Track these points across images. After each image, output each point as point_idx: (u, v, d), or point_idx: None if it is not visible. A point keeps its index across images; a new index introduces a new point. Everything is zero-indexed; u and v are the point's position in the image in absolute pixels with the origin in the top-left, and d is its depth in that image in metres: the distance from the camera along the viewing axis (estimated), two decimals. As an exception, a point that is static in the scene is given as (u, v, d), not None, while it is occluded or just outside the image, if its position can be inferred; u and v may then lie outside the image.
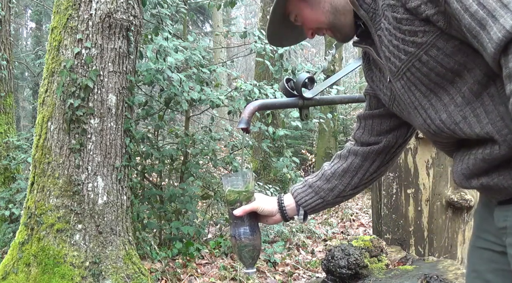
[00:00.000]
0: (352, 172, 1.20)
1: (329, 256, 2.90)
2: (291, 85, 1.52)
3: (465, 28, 0.76)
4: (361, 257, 2.90)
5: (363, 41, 1.06)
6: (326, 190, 1.22)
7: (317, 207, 1.24)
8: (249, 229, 1.19)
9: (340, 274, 2.78)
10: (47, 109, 2.98)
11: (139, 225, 3.78)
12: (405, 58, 0.89)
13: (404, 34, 0.87)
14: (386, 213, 3.36)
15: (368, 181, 1.21)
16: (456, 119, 0.86)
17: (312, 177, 1.26)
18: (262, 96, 3.97)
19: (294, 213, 1.24)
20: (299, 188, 1.26)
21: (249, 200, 1.20)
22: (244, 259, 1.19)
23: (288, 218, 1.24)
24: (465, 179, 0.91)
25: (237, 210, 1.17)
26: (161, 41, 3.66)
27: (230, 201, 1.19)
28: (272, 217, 1.23)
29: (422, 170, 2.98)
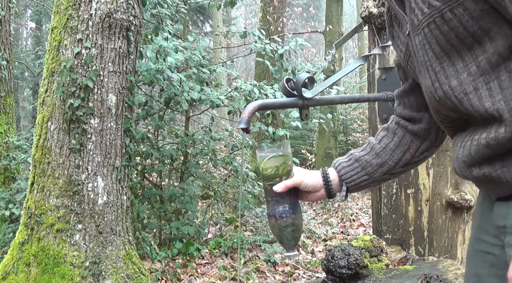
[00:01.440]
0: (404, 146, 1.10)
1: (329, 256, 2.90)
2: (291, 85, 1.52)
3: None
4: (361, 257, 2.90)
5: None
6: (375, 165, 1.12)
7: (361, 184, 1.14)
8: (291, 206, 1.08)
9: (340, 274, 2.78)
10: (47, 109, 2.98)
11: (139, 225, 3.78)
12: (428, 12, 0.81)
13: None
14: (386, 213, 3.36)
15: (418, 160, 1.12)
16: (467, 89, 0.80)
17: (359, 150, 1.16)
18: (262, 96, 3.97)
19: (337, 189, 1.13)
20: (344, 161, 1.15)
21: (289, 174, 1.09)
22: (285, 240, 1.08)
23: (333, 194, 1.14)
24: (466, 167, 0.85)
25: (278, 186, 1.05)
26: (161, 41, 3.66)
27: (268, 176, 1.08)
28: (315, 192, 1.12)
29: (422, 170, 2.98)
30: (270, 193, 1.08)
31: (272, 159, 1.08)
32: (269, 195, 1.09)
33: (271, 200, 1.08)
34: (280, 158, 1.08)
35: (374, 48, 2.13)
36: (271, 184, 1.07)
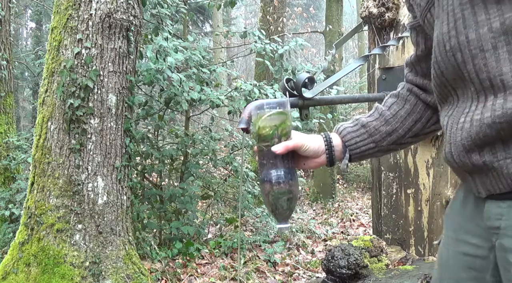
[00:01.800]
0: (416, 114, 1.01)
1: (329, 256, 2.90)
2: (291, 85, 1.52)
3: None
4: (361, 257, 2.90)
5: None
6: (384, 133, 1.02)
7: (366, 153, 1.04)
8: (289, 171, 0.97)
9: (340, 274, 2.78)
10: (47, 109, 2.98)
11: (139, 225, 3.78)
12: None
13: None
14: (386, 213, 3.36)
15: (429, 131, 1.04)
16: (485, 46, 0.70)
17: (366, 116, 1.06)
18: (262, 96, 3.97)
19: (340, 156, 1.04)
20: (349, 126, 1.05)
21: (288, 136, 0.98)
22: (280, 210, 0.97)
23: (335, 161, 1.04)
24: (464, 152, 0.75)
25: (278, 146, 0.95)
26: (161, 41, 3.66)
27: (265, 135, 0.97)
28: (315, 159, 1.02)
29: (422, 170, 2.99)
30: (267, 155, 0.98)
31: (271, 117, 0.96)
32: (264, 158, 0.98)
33: (267, 163, 0.98)
34: (280, 116, 0.97)
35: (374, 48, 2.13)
36: (268, 145, 0.97)
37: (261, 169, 0.99)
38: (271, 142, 0.97)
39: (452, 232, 0.89)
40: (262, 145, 0.98)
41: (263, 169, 0.98)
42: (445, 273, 0.89)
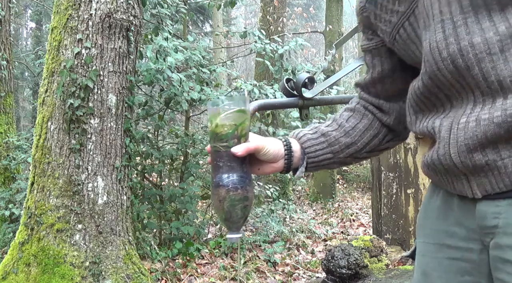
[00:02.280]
0: (374, 130, 1.00)
1: (329, 256, 2.90)
2: (291, 85, 1.51)
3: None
4: (361, 257, 2.91)
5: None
6: (343, 144, 0.99)
7: (322, 163, 1.00)
8: (247, 176, 0.90)
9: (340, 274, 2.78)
10: (47, 109, 2.98)
11: (139, 225, 3.78)
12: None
13: None
14: (386, 213, 3.36)
15: (384, 148, 1.03)
16: (492, 49, 0.69)
17: (324, 125, 1.02)
18: (262, 96, 3.97)
19: (297, 163, 0.98)
20: (308, 133, 1.00)
21: (247, 137, 0.90)
22: (234, 218, 0.89)
23: (292, 168, 0.98)
24: (467, 152, 0.73)
25: (238, 148, 0.87)
26: (161, 41, 3.66)
27: (223, 135, 0.88)
28: (272, 163, 0.96)
29: (422, 170, 2.98)
30: (224, 157, 0.89)
31: (231, 114, 0.88)
32: (221, 159, 0.89)
33: (223, 165, 0.89)
34: (240, 114, 0.89)
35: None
36: (226, 145, 0.88)
37: (216, 171, 0.90)
38: (229, 142, 0.89)
39: (431, 239, 0.87)
40: (218, 144, 0.89)
41: (217, 172, 0.89)
42: (434, 281, 0.85)
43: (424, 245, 0.89)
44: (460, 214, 0.80)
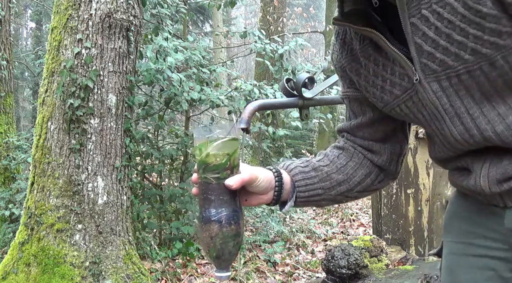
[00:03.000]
0: (365, 169, 0.98)
1: (329, 256, 2.90)
2: (291, 85, 1.51)
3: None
4: (361, 257, 2.90)
5: (360, 21, 0.84)
6: (334, 181, 0.95)
7: (311, 198, 0.95)
8: (240, 210, 0.84)
9: (340, 274, 2.78)
10: (47, 109, 2.98)
11: (139, 225, 3.78)
12: (472, 59, 0.73)
13: (483, 32, 0.71)
14: (386, 213, 3.36)
15: (375, 188, 1.01)
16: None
17: (316, 159, 0.99)
18: (262, 96, 3.97)
19: (286, 196, 0.93)
20: (299, 165, 0.96)
21: (238, 167, 0.84)
22: (226, 255, 0.84)
23: (280, 202, 0.93)
24: (496, 183, 0.79)
25: (233, 180, 0.81)
26: (161, 41, 3.66)
27: (215, 165, 0.82)
28: (261, 195, 0.90)
29: (422, 170, 2.99)
30: (216, 190, 0.82)
31: (224, 143, 0.81)
32: (213, 192, 0.82)
33: (215, 199, 0.82)
34: (233, 143, 0.83)
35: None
36: (218, 177, 0.82)
37: (206, 205, 0.83)
38: (222, 174, 0.82)
39: (458, 238, 0.93)
40: (209, 176, 0.82)
41: (208, 206, 0.82)
42: (457, 277, 0.93)
43: (451, 243, 0.96)
44: (488, 217, 0.86)
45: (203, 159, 0.82)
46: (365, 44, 0.89)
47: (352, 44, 0.93)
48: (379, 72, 0.89)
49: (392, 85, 0.87)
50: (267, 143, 5.07)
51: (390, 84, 0.87)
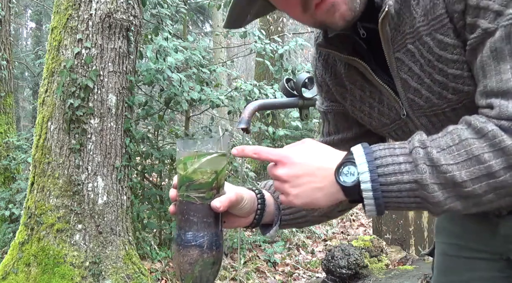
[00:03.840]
0: None
1: (329, 256, 2.91)
2: (291, 85, 1.52)
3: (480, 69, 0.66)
4: (361, 257, 2.91)
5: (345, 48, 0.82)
6: None
7: (294, 221, 0.90)
8: (221, 234, 0.76)
9: (340, 274, 2.79)
10: (47, 109, 2.98)
11: (139, 225, 3.78)
12: (455, 98, 0.74)
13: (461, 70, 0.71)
14: (386, 213, 3.35)
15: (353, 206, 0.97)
16: None
17: None
18: (262, 96, 3.97)
19: (269, 218, 0.87)
20: None
21: (223, 186, 0.77)
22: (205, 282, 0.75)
23: (260, 225, 0.88)
24: None
25: (220, 202, 0.74)
26: (161, 41, 3.66)
27: (201, 184, 0.73)
28: (243, 218, 0.84)
29: (422, 170, 2.98)
30: (200, 211, 0.73)
31: (213, 159, 0.72)
32: (195, 214, 0.73)
33: (198, 221, 0.73)
34: (222, 159, 0.74)
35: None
36: (203, 197, 0.73)
37: (187, 227, 0.73)
38: (208, 194, 0.73)
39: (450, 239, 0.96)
40: (194, 195, 0.73)
41: (190, 229, 0.73)
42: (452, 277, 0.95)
43: (444, 245, 0.98)
44: (481, 223, 0.88)
45: (188, 175, 0.72)
46: (351, 70, 0.86)
47: (336, 66, 0.90)
48: (366, 99, 0.87)
49: (380, 113, 0.86)
50: (267, 143, 5.07)
51: (379, 112, 0.86)
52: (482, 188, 0.61)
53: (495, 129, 0.60)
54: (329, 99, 0.95)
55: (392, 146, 0.65)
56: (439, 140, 0.63)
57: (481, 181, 0.60)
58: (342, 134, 0.96)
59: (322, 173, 0.67)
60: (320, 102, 0.98)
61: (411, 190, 0.62)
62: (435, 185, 0.61)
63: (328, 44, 0.83)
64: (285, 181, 0.69)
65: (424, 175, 0.61)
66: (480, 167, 0.60)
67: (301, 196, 0.68)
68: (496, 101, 0.62)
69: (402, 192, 0.63)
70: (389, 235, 3.75)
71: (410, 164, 0.62)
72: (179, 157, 0.74)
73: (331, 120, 0.97)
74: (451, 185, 0.61)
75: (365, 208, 0.65)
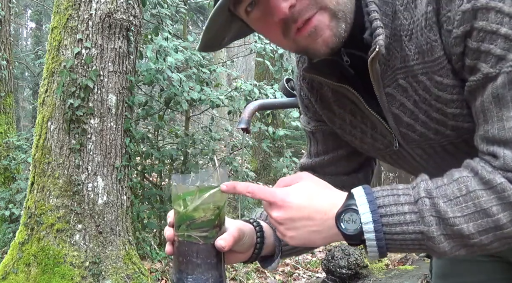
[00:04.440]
0: None
1: (329, 256, 2.91)
2: (291, 85, 1.51)
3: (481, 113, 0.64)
4: (361, 257, 2.91)
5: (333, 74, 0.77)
6: None
7: (295, 250, 0.85)
8: (224, 275, 0.70)
9: (340, 274, 2.79)
10: (47, 109, 2.98)
11: (139, 225, 3.78)
12: (454, 134, 0.72)
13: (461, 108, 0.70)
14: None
15: None
16: None
17: None
18: (262, 96, 3.97)
19: (268, 250, 0.83)
20: None
21: (224, 222, 0.71)
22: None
23: (259, 258, 0.83)
24: None
25: (225, 240, 0.69)
26: (161, 41, 3.66)
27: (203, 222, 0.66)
28: (242, 253, 0.79)
29: (422, 170, 2.99)
30: (202, 251, 0.67)
31: (213, 194, 0.65)
32: (197, 254, 0.67)
33: (201, 263, 0.66)
34: (222, 195, 0.67)
35: None
36: (205, 236, 0.66)
37: (189, 270, 0.67)
38: (210, 233, 0.67)
39: None
40: (196, 234, 0.66)
41: (193, 272, 0.66)
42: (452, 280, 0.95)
43: None
44: None
45: (189, 213, 0.65)
46: (339, 96, 0.82)
47: (322, 90, 0.85)
48: (357, 124, 0.83)
49: (373, 139, 0.82)
50: (267, 143, 5.07)
51: (372, 137, 0.82)
52: (488, 239, 0.60)
53: (504, 183, 0.59)
54: (316, 120, 0.91)
55: (396, 192, 0.63)
56: (445, 189, 0.61)
57: (488, 232, 0.60)
58: (332, 153, 0.92)
59: (320, 217, 0.64)
60: (305, 121, 0.93)
61: (416, 239, 0.62)
62: (442, 236, 0.60)
63: (314, 70, 0.78)
64: (281, 224, 0.66)
65: (431, 228, 0.60)
66: (488, 220, 0.59)
67: (297, 238, 0.66)
68: (500, 150, 0.61)
69: (407, 240, 0.62)
70: (389, 235, 3.74)
71: (415, 214, 0.61)
72: (177, 193, 0.67)
73: (320, 141, 0.92)
74: (458, 236, 0.60)
75: (367, 252, 0.64)
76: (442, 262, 0.97)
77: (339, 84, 0.76)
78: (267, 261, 0.84)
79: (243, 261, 0.81)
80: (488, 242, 0.61)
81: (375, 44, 0.67)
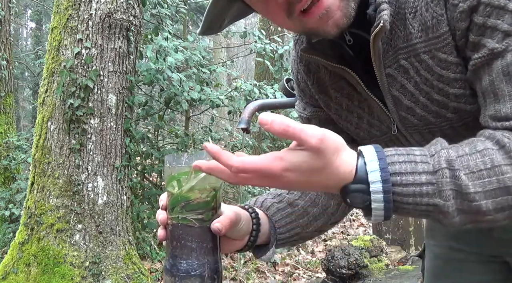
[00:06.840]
0: (337, 197, 0.85)
1: (329, 256, 2.91)
2: (291, 85, 1.51)
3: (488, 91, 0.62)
4: (361, 257, 2.91)
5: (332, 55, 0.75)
6: (311, 215, 0.84)
7: (290, 239, 0.83)
8: (220, 260, 0.66)
9: (340, 274, 2.79)
10: (47, 109, 2.98)
11: (139, 225, 3.78)
12: (455, 117, 0.70)
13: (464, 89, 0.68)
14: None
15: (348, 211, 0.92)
16: None
17: (286, 192, 0.85)
18: (262, 96, 3.97)
19: (263, 239, 0.79)
20: (275, 202, 0.83)
21: (221, 205, 0.67)
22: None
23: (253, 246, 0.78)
24: None
25: (222, 223, 0.64)
26: (161, 41, 3.66)
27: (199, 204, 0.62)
28: (236, 241, 0.75)
29: (422, 170, 2.99)
30: (198, 235, 0.63)
31: (208, 175, 0.59)
32: (193, 238, 0.63)
33: (197, 247, 0.63)
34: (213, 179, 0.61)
35: None
36: (201, 219, 0.63)
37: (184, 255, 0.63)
38: (206, 215, 0.63)
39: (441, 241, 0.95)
40: (191, 217, 0.63)
41: (188, 256, 0.63)
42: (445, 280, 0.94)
43: (435, 247, 0.97)
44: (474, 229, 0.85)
45: (184, 194, 0.62)
46: (337, 79, 0.79)
47: (319, 72, 0.83)
48: (354, 109, 0.80)
49: (370, 124, 0.79)
50: (267, 143, 5.07)
51: (368, 123, 0.79)
52: (503, 216, 0.57)
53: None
54: (312, 105, 0.88)
55: (413, 159, 0.56)
56: (467, 159, 0.56)
57: (504, 210, 0.56)
58: None
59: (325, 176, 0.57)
60: (301, 107, 0.90)
61: (427, 210, 0.56)
62: (456, 211, 0.56)
63: (313, 51, 0.75)
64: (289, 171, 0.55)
65: (447, 203, 0.55)
66: (509, 198, 0.55)
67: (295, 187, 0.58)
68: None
69: (416, 211, 0.56)
70: (389, 235, 3.75)
71: (432, 185, 0.55)
72: (171, 173, 0.63)
73: None
74: (474, 212, 0.56)
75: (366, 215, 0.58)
76: (434, 263, 0.97)
77: (338, 66, 0.74)
78: (261, 250, 0.80)
79: (238, 250, 0.77)
80: (501, 219, 0.57)
81: (379, 19, 0.65)
